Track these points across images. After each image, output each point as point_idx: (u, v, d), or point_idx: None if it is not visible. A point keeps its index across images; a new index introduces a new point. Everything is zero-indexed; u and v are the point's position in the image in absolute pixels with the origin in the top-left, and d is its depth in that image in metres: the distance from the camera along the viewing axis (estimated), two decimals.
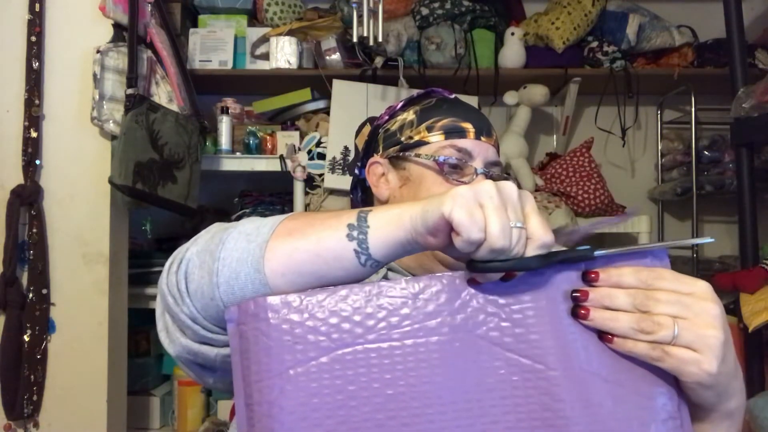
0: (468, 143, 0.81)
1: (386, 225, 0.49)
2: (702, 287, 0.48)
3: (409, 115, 0.86)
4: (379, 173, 0.87)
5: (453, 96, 0.89)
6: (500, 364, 0.48)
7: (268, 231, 0.52)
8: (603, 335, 0.49)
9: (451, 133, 0.82)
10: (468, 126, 0.83)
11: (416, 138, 0.83)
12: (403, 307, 0.48)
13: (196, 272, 0.53)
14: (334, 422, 0.46)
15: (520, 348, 0.48)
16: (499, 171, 0.83)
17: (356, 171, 0.93)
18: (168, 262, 0.57)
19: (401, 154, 0.84)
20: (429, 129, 0.83)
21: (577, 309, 0.49)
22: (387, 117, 0.90)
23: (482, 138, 0.83)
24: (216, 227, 0.57)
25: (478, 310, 0.48)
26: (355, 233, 0.50)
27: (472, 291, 0.49)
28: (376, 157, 0.88)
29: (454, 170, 0.80)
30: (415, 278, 0.49)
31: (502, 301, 0.49)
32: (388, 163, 0.86)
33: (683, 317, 0.47)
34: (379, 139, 0.89)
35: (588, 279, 0.49)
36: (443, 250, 0.48)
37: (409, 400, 0.47)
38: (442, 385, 0.47)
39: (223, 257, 0.52)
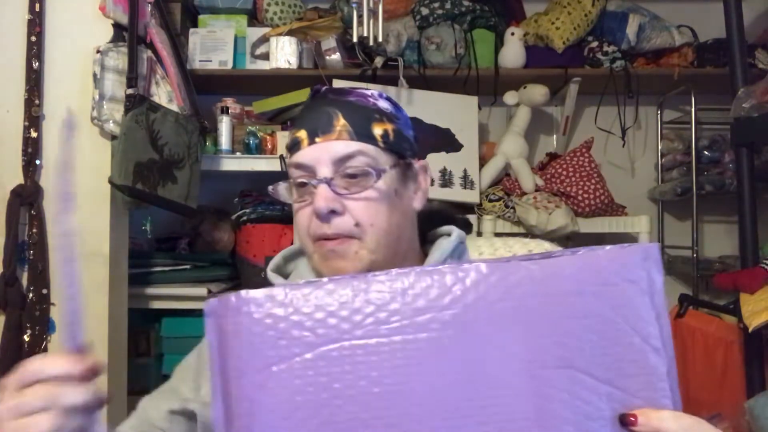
0: (303, 154, 0.74)
1: None
2: None
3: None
4: None
5: (318, 91, 0.79)
6: (490, 362, 0.46)
7: None
8: None
9: (291, 149, 0.76)
10: (301, 134, 0.74)
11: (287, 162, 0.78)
12: (391, 302, 0.46)
13: None
14: (318, 422, 0.45)
15: (511, 346, 0.46)
16: (359, 163, 0.72)
17: None
18: None
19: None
20: (287, 147, 0.78)
21: None
22: None
23: (317, 139, 0.73)
24: None
25: (469, 306, 0.47)
26: None
27: (463, 287, 0.47)
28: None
29: (299, 190, 0.75)
30: (404, 272, 0.47)
31: (493, 297, 0.47)
32: None
33: None
34: None
35: (626, 422, 0.46)
36: None
37: (396, 398, 0.45)
38: (431, 383, 0.45)
39: None
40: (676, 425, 0.45)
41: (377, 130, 0.74)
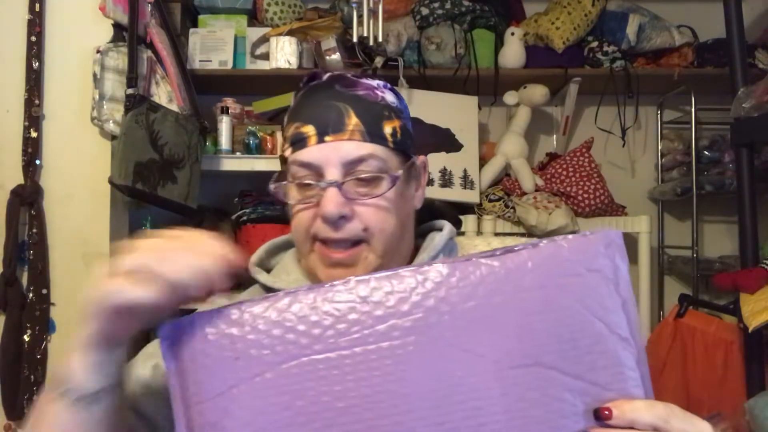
0: (310, 153, 0.68)
1: (76, 359, 0.51)
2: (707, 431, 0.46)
3: (287, 118, 0.74)
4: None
5: (322, 79, 0.73)
6: (456, 366, 0.45)
7: None
8: None
9: (296, 144, 0.70)
10: (308, 130, 0.69)
11: (284, 155, 0.74)
12: (350, 312, 0.45)
13: None
14: None
15: (476, 348, 0.45)
16: (370, 168, 0.68)
17: None
18: None
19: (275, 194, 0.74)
20: (285, 140, 0.73)
21: None
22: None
23: (327, 138, 0.68)
24: None
25: (431, 310, 0.45)
26: (62, 389, 0.53)
27: (423, 291, 0.46)
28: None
29: (306, 188, 0.70)
30: (363, 280, 0.46)
31: (455, 298, 0.45)
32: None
33: None
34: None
35: (600, 416, 0.45)
36: (142, 323, 0.49)
37: (362, 411, 0.43)
38: (397, 393, 0.44)
39: None
40: (650, 415, 0.45)
41: (387, 129, 0.70)
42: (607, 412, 0.45)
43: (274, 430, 0.43)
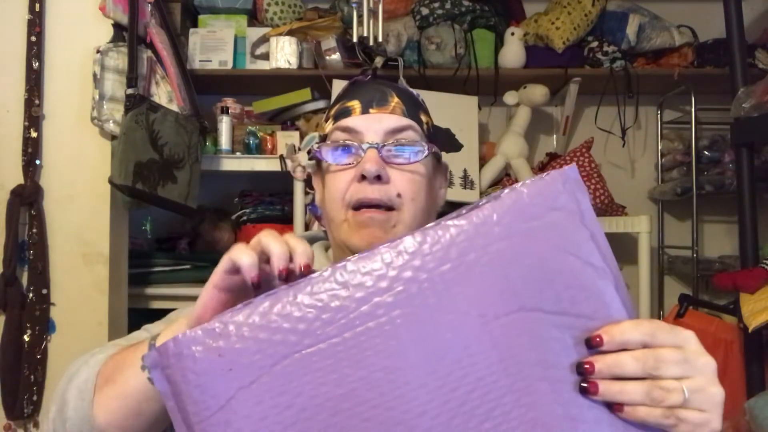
0: (353, 120, 0.74)
1: (170, 336, 0.51)
2: (693, 339, 0.47)
3: (329, 108, 0.81)
4: (315, 184, 0.82)
5: (367, 77, 0.85)
6: (444, 329, 0.45)
7: (92, 384, 0.58)
8: (612, 405, 0.46)
9: (339, 116, 0.76)
10: (353, 104, 0.75)
11: (322, 134, 0.80)
12: (332, 300, 0.45)
13: None
14: None
15: (460, 307, 0.45)
16: (409, 137, 0.74)
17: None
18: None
19: (314, 156, 0.78)
20: (326, 120, 0.79)
21: (584, 384, 0.46)
22: None
23: (371, 110, 0.74)
24: (69, 373, 0.63)
25: (410, 281, 0.45)
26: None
27: (399, 265, 0.46)
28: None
29: (344, 153, 0.74)
30: (340, 266, 0.46)
31: (431, 265, 0.46)
32: (315, 170, 0.82)
33: (688, 377, 0.46)
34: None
35: (592, 344, 0.46)
36: (234, 299, 0.50)
37: (363, 393, 0.44)
38: (392, 368, 0.44)
39: (70, 417, 0.60)
40: (638, 333, 0.46)
41: (423, 118, 0.77)
42: (598, 339, 0.46)
43: (279, 430, 0.44)
